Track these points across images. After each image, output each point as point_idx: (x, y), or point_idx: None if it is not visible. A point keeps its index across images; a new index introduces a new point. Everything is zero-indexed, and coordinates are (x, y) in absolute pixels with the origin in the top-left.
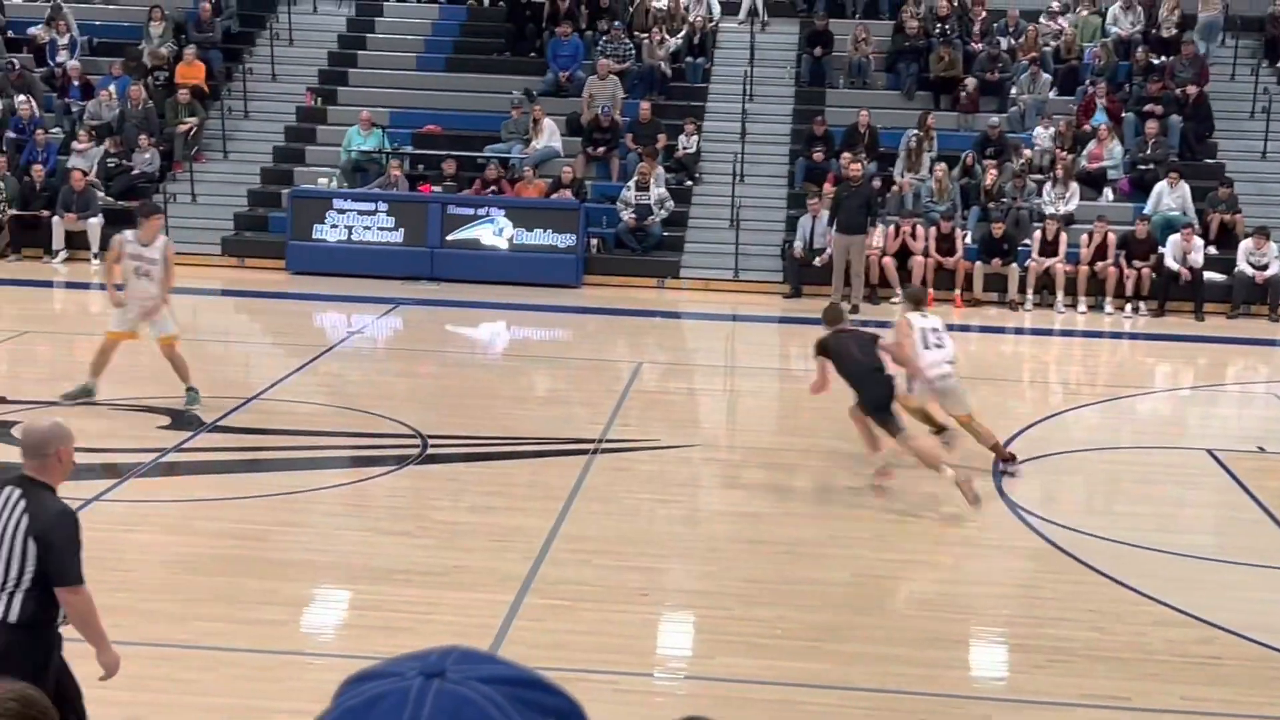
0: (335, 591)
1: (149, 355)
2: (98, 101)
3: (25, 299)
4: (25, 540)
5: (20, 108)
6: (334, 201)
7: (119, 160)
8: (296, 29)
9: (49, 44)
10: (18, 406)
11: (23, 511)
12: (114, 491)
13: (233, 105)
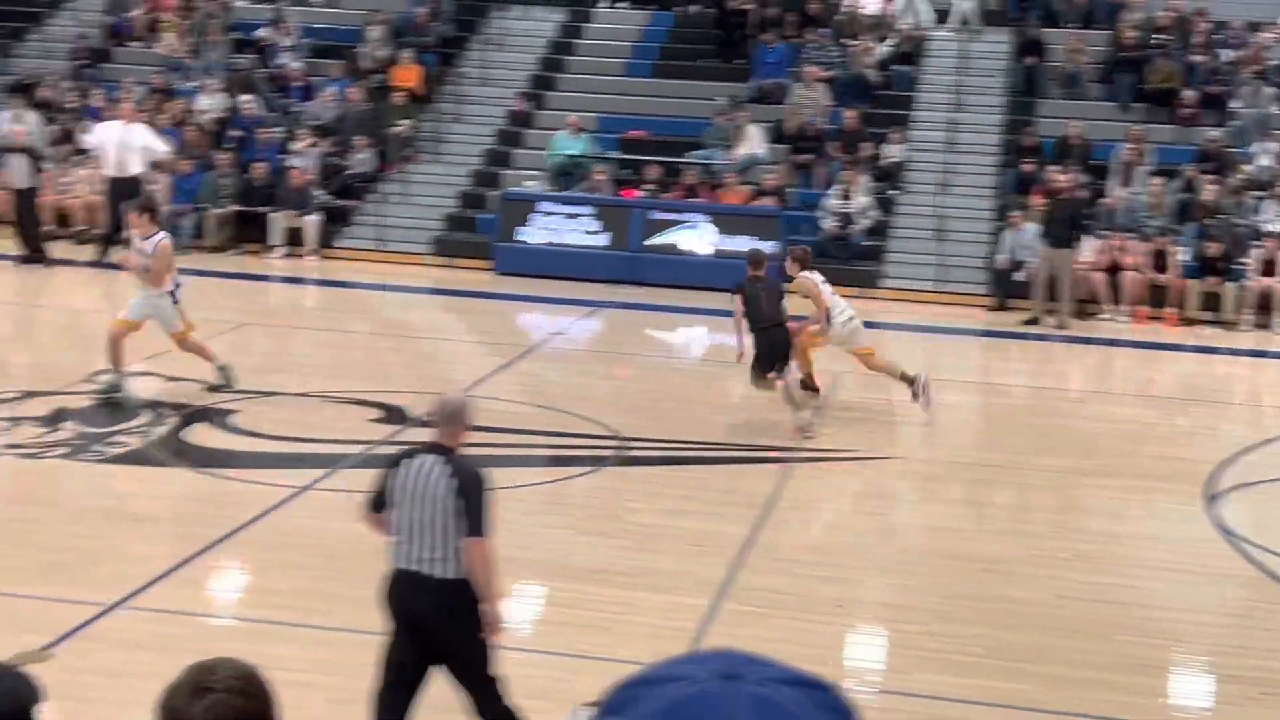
0: (534, 588)
1: (360, 350)
2: (318, 102)
3: (244, 292)
4: (455, 500)
5: (244, 107)
6: (540, 204)
7: (336, 160)
8: (508, 34)
9: (273, 46)
10: (235, 396)
11: (450, 476)
12: (325, 481)
13: (445, 108)
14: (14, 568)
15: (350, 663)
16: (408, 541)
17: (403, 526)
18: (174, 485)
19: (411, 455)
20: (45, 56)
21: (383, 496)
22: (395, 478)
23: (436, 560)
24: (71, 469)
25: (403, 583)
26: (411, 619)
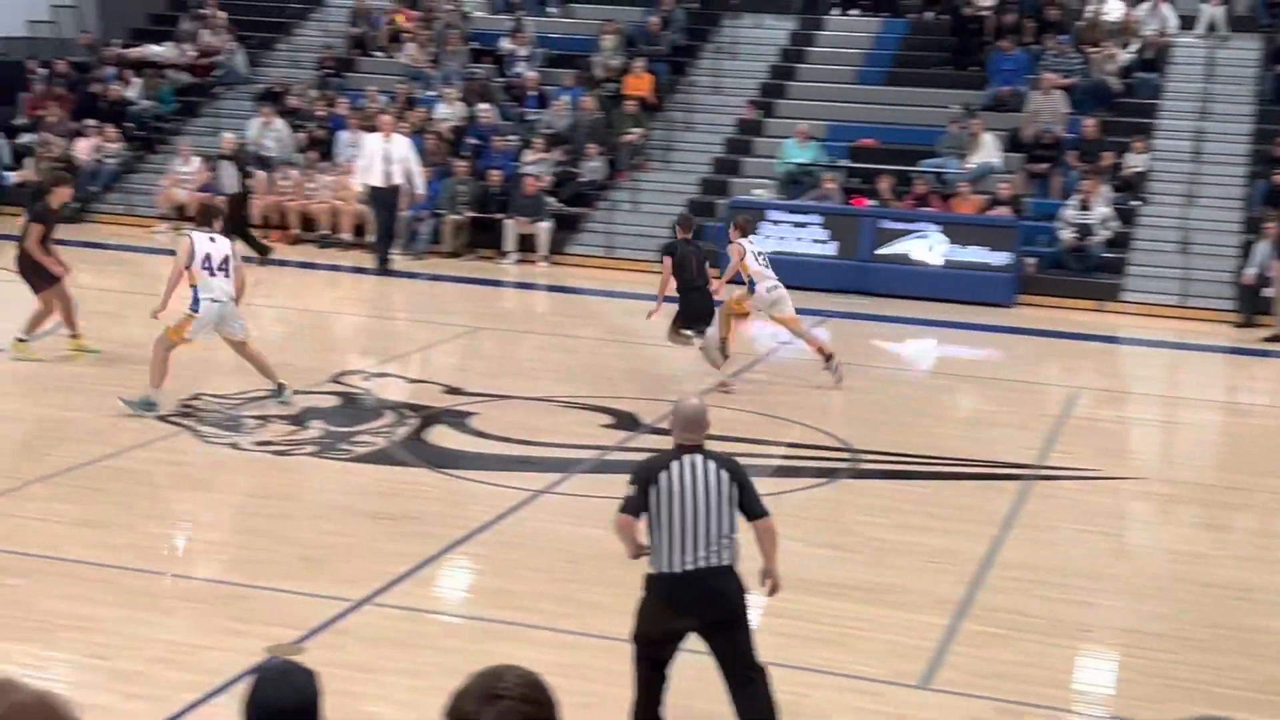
0: (768, 600)
1: (588, 355)
2: (551, 111)
3: (477, 297)
4: (732, 489)
5: (481, 115)
6: (769, 213)
7: (568, 168)
8: (739, 42)
9: (510, 55)
10: (469, 399)
11: (719, 469)
12: (561, 485)
13: (676, 116)
14: (270, 561)
15: (590, 666)
16: (687, 540)
17: (676, 527)
18: (415, 485)
19: (672, 461)
20: (293, 66)
21: (643, 502)
22: (663, 483)
23: (721, 550)
24: (320, 466)
25: (691, 583)
26: (704, 617)
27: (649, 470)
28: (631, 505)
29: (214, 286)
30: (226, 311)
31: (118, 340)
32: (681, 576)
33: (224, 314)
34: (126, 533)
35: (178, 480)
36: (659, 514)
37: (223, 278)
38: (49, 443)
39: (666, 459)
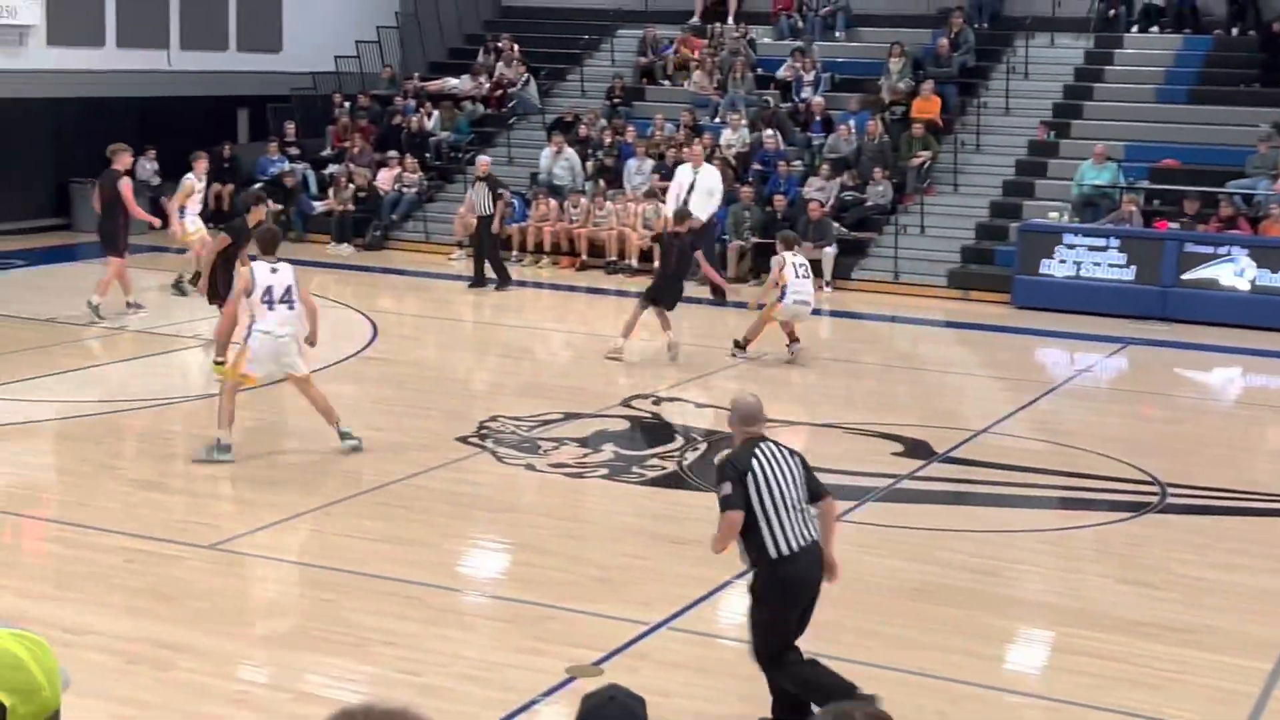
0: (1074, 637)
1: (873, 381)
2: (837, 136)
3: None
4: (804, 472)
5: (767, 141)
6: (1064, 236)
7: (854, 192)
8: (1032, 62)
9: (795, 81)
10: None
11: (787, 454)
12: (854, 513)
13: (965, 139)
14: (567, 582)
15: (893, 702)
16: (792, 519)
17: (780, 510)
18: (707, 509)
19: (753, 454)
20: (582, 96)
21: (746, 495)
22: (758, 475)
23: (809, 527)
24: (612, 489)
25: (804, 559)
26: (813, 586)
27: (740, 466)
28: (738, 501)
29: (270, 320)
30: (281, 347)
31: (412, 361)
32: (796, 555)
33: (278, 349)
34: (431, 550)
35: (477, 500)
36: (762, 504)
37: (285, 309)
38: (355, 461)
39: (748, 452)
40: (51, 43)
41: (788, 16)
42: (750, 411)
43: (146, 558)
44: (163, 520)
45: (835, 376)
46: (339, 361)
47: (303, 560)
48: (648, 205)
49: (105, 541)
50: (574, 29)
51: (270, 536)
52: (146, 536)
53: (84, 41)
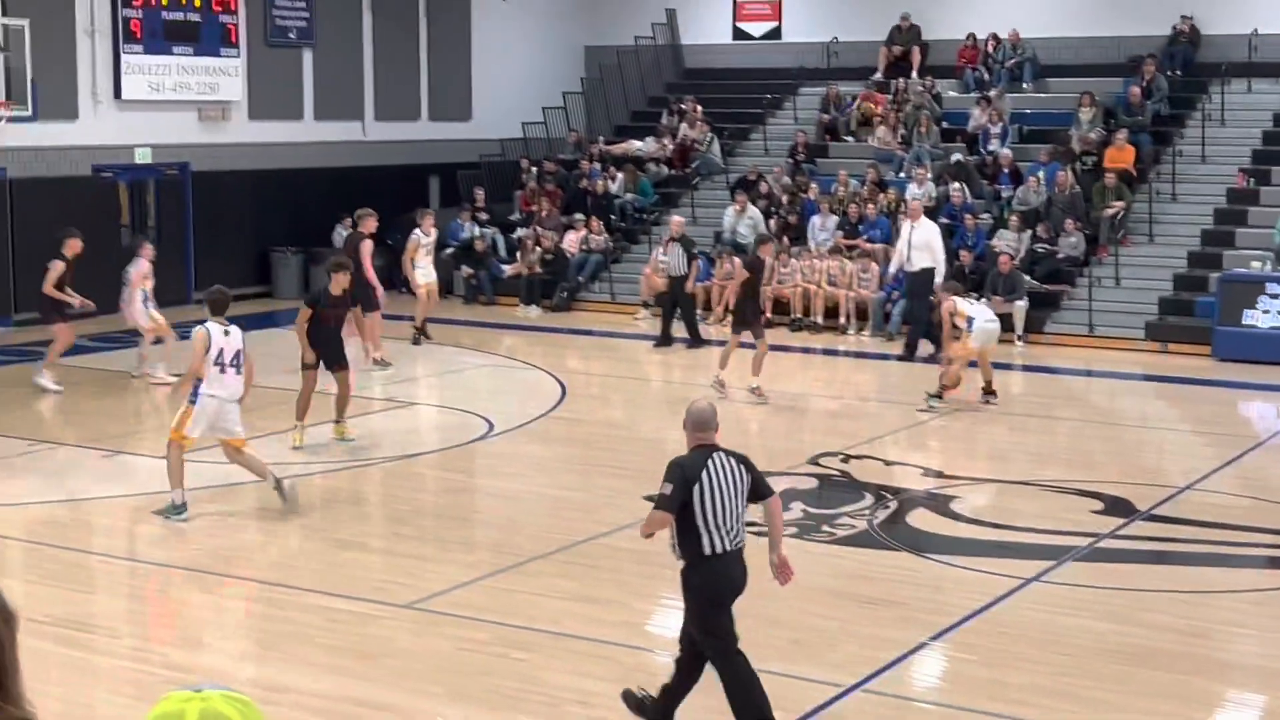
0: None
1: (1068, 437)
2: (1026, 187)
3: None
4: (747, 476)
5: (953, 194)
6: (1267, 286)
7: (1045, 245)
8: (1229, 109)
9: (981, 133)
10: (948, 481)
11: (734, 462)
12: (1052, 574)
13: (1160, 188)
14: (760, 643)
15: None
16: (730, 525)
17: (720, 515)
18: (899, 569)
19: (703, 461)
20: (765, 154)
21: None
22: (705, 480)
23: (740, 534)
24: (802, 548)
25: (732, 561)
26: (738, 587)
27: (690, 475)
28: (673, 505)
29: (218, 383)
30: (224, 411)
31: (600, 421)
32: (728, 557)
33: (221, 413)
34: (621, 609)
35: (666, 559)
36: (703, 507)
37: (233, 373)
38: (546, 521)
39: (701, 461)
40: (253, 117)
41: (972, 69)
42: (702, 418)
43: (346, 616)
44: (362, 579)
45: (1030, 433)
46: (528, 422)
47: (496, 619)
48: (832, 262)
49: (306, 601)
50: (756, 89)
51: (465, 595)
52: (346, 596)
53: (284, 115)
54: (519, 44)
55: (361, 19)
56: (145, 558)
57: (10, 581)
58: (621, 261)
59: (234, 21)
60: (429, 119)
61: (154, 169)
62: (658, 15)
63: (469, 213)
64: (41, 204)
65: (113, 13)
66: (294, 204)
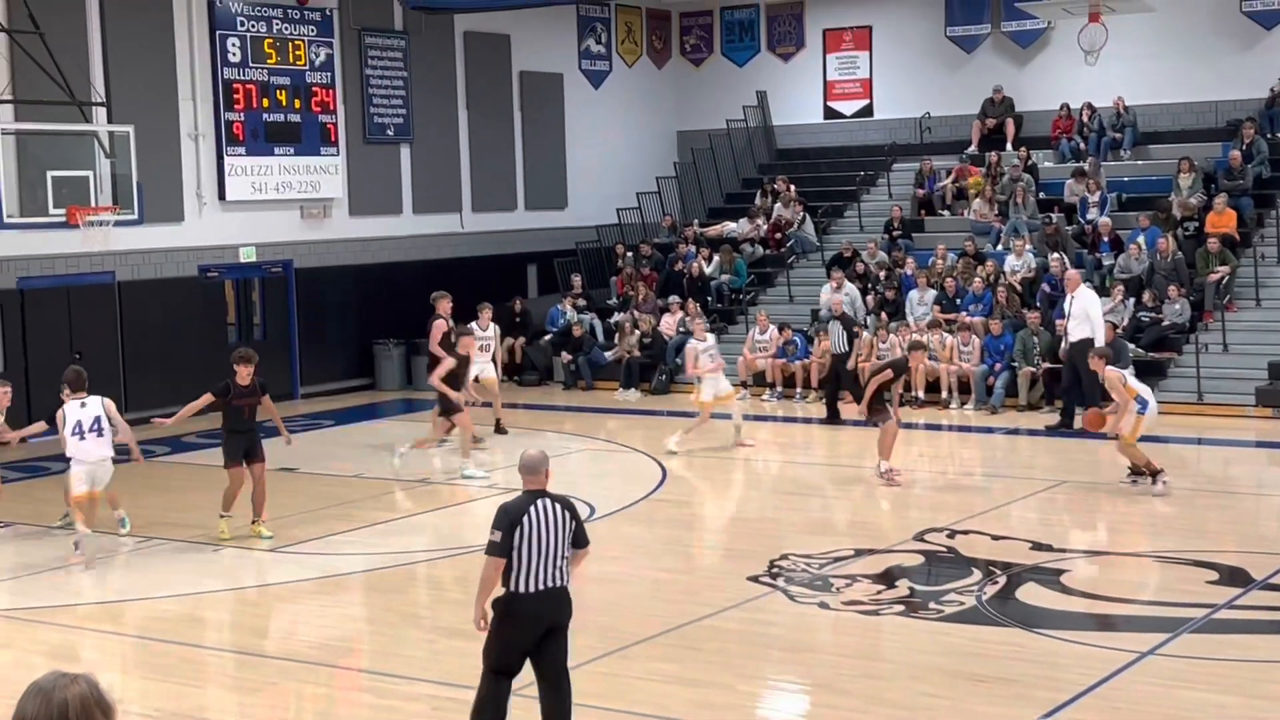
0: None
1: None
2: (1127, 255)
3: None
4: (572, 523)
5: (1053, 264)
6: None
7: (1149, 312)
8: None
9: (1080, 202)
10: (1057, 555)
11: (564, 507)
12: (1168, 646)
13: (1265, 251)
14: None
15: None
16: (540, 566)
17: (535, 554)
18: (1009, 645)
19: (528, 505)
20: (860, 230)
21: (510, 544)
22: (526, 523)
23: (562, 571)
24: (909, 626)
25: (542, 599)
26: (548, 624)
27: (513, 516)
28: (503, 550)
29: (80, 449)
30: (96, 470)
31: (701, 503)
32: (535, 595)
33: (94, 472)
34: (726, 692)
35: (770, 640)
36: (520, 548)
37: (94, 437)
38: (648, 604)
39: (527, 503)
40: (354, 213)
41: (1068, 139)
42: (532, 464)
43: (451, 705)
44: (467, 667)
45: (1141, 503)
46: (630, 505)
47: (602, 704)
48: (932, 336)
49: (411, 689)
50: (849, 166)
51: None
52: (451, 684)
53: (383, 210)
54: (612, 132)
55: (457, 114)
56: (252, 650)
57: (121, 676)
58: (719, 342)
59: (333, 121)
60: (525, 208)
61: (258, 267)
62: (749, 98)
63: (568, 299)
64: (149, 305)
65: (215, 116)
66: (394, 296)
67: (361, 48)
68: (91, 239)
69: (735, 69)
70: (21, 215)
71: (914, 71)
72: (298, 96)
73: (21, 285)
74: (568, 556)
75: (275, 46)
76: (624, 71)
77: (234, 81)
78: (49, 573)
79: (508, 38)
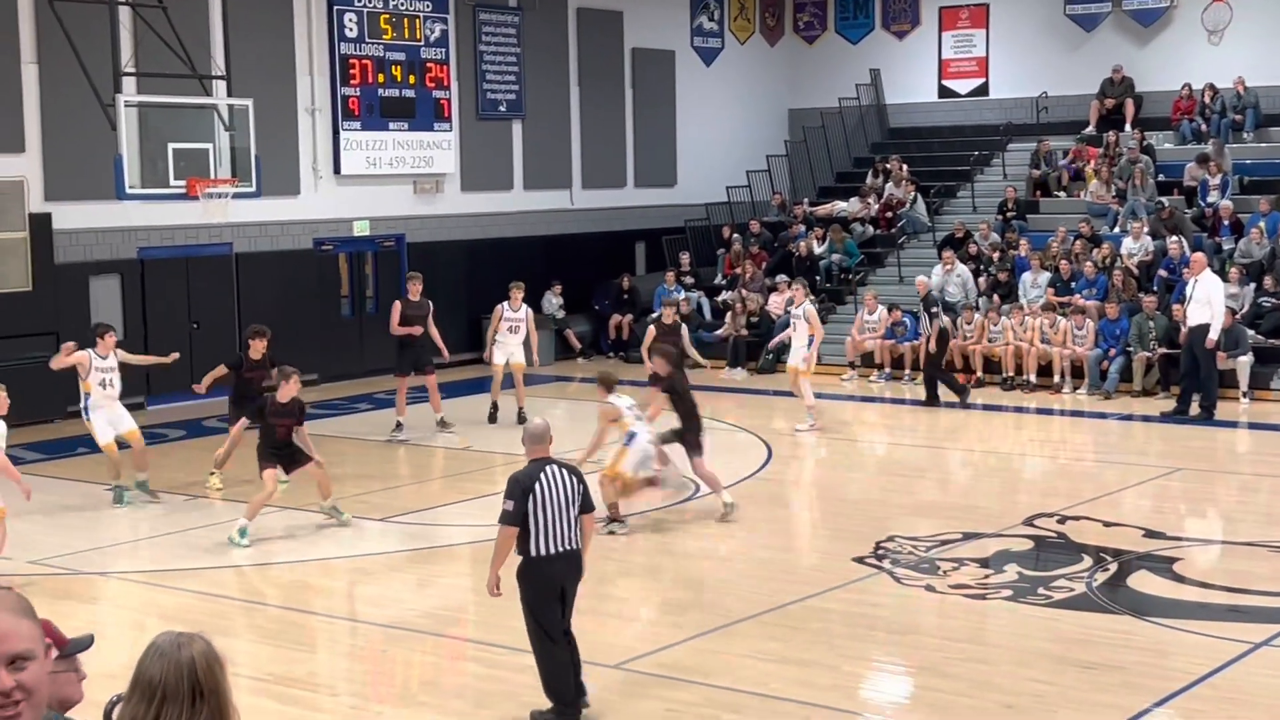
0: None
1: None
2: (1248, 239)
3: (1171, 436)
4: (579, 487)
5: (1171, 247)
6: None
7: (1271, 297)
8: None
9: (1200, 184)
10: (1170, 543)
11: (571, 473)
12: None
13: None
14: (974, 709)
15: None
16: (557, 529)
17: (550, 521)
18: (1119, 633)
19: (538, 473)
20: (973, 211)
21: (525, 511)
22: (538, 491)
23: (575, 535)
24: (1017, 611)
25: (558, 561)
26: (564, 584)
27: (526, 484)
28: (517, 518)
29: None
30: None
31: (807, 482)
32: (553, 557)
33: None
34: (830, 673)
35: (875, 621)
36: (536, 514)
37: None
38: (752, 583)
39: (536, 471)
40: (465, 189)
41: (1189, 120)
42: (537, 433)
43: None
44: None
45: (1258, 492)
46: (734, 483)
47: (704, 680)
48: (1045, 319)
49: (517, 661)
50: (963, 146)
51: (673, 656)
52: None
53: (494, 186)
54: (723, 109)
55: (569, 90)
56: (364, 618)
57: (233, 641)
58: (827, 323)
59: (447, 97)
60: (634, 186)
61: (371, 241)
62: (862, 76)
63: (674, 276)
64: (265, 277)
65: (332, 91)
66: (504, 272)
67: (476, 24)
68: (211, 211)
69: (849, 46)
70: (143, 186)
71: (1031, 50)
72: (412, 72)
73: (142, 255)
74: (579, 520)
75: (391, 22)
76: (736, 49)
77: (350, 57)
78: (164, 537)
79: (620, 14)
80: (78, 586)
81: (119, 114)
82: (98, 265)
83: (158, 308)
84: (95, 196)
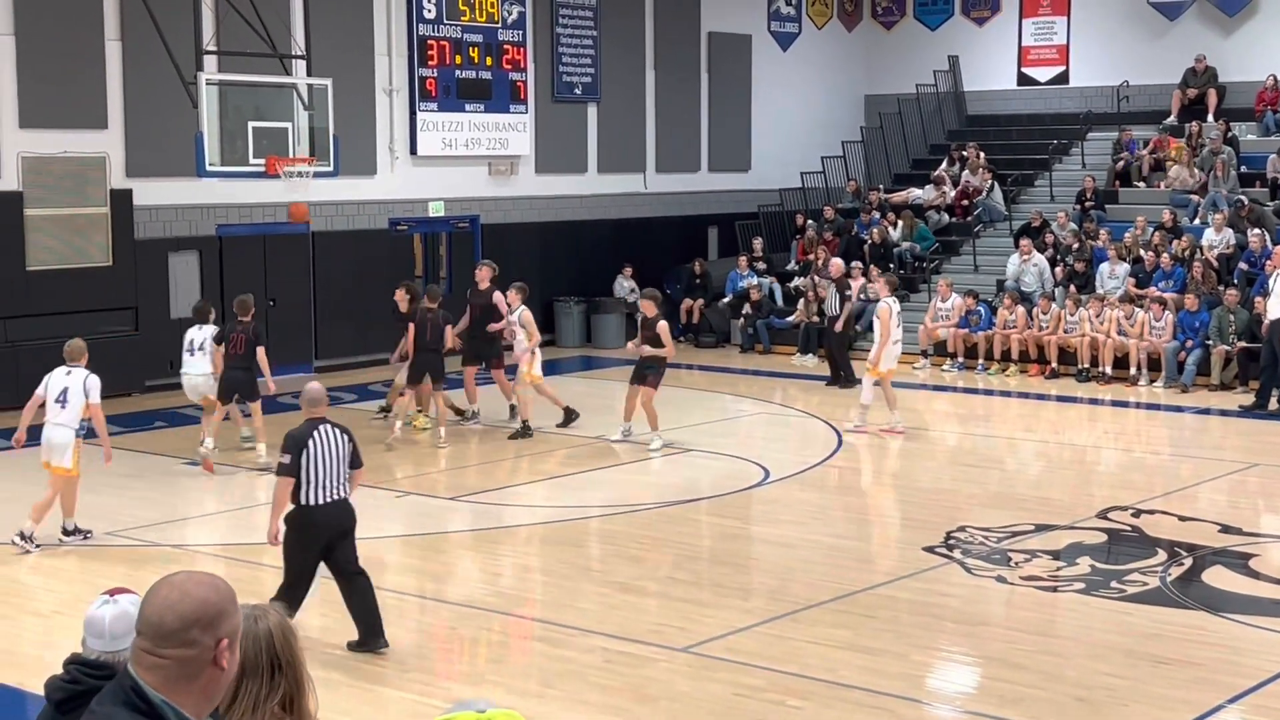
0: None
1: None
2: None
3: (1253, 431)
4: (348, 445)
5: (1252, 240)
6: None
7: None
8: None
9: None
10: (1246, 539)
11: (342, 431)
12: None
13: None
14: (1044, 700)
15: None
16: (326, 480)
17: (321, 472)
18: (1193, 628)
19: (311, 430)
20: (1050, 200)
21: (299, 464)
22: (311, 446)
23: (344, 486)
24: (1088, 604)
25: (330, 509)
26: (337, 530)
27: (299, 440)
28: (292, 470)
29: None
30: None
31: (878, 470)
32: (323, 506)
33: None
34: (898, 661)
35: (946, 611)
36: (307, 467)
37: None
38: (822, 569)
39: (309, 429)
40: (540, 171)
41: (1273, 111)
42: (314, 397)
43: (623, 659)
44: (639, 622)
45: None
46: (804, 469)
47: (772, 666)
48: (1122, 310)
49: (585, 641)
50: (1042, 134)
51: (740, 641)
52: (623, 638)
53: (569, 169)
54: (799, 94)
55: (645, 74)
56: (433, 595)
57: (301, 614)
58: (901, 310)
59: (523, 79)
60: (709, 170)
61: (446, 221)
62: (940, 63)
63: (747, 261)
64: (341, 256)
65: (409, 72)
66: (577, 255)
67: (553, 6)
68: (292, 189)
69: (927, 32)
70: (222, 164)
71: (1113, 38)
72: (489, 54)
73: (220, 232)
74: (348, 474)
75: (469, 4)
76: (813, 33)
77: (428, 38)
78: (233, 511)
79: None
80: (153, 558)
81: (200, 92)
82: (177, 242)
83: (235, 285)
84: (175, 173)
